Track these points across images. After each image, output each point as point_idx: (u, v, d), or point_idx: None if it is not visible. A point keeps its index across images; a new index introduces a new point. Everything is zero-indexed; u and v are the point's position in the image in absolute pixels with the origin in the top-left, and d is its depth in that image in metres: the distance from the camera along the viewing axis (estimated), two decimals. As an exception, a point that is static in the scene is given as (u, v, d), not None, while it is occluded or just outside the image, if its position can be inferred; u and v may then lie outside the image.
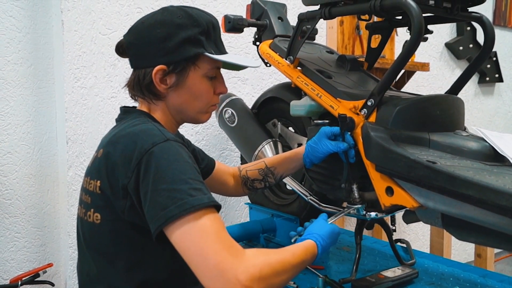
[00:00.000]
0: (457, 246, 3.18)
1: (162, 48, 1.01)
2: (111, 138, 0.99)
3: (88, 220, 0.99)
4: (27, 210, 1.82)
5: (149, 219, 0.89)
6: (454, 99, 1.29)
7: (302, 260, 0.97)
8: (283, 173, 1.37)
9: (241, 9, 2.16)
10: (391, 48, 2.57)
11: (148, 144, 0.91)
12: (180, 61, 1.02)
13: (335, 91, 1.33)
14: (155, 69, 1.01)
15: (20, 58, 1.77)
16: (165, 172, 0.88)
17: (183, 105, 1.07)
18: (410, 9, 1.10)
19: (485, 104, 3.54)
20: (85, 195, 1.02)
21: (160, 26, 1.01)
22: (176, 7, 1.06)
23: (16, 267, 1.80)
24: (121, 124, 1.04)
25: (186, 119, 1.12)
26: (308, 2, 1.38)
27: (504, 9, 3.52)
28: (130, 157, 0.91)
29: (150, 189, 0.88)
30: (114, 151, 0.95)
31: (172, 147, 0.93)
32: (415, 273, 1.36)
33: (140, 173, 0.90)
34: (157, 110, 1.07)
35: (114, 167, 0.94)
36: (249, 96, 2.22)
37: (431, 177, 1.03)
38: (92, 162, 1.03)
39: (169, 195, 0.86)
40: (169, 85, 1.04)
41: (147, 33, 1.02)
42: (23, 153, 1.80)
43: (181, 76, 1.03)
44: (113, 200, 0.94)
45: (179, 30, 1.01)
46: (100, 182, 0.96)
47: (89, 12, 1.80)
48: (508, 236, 0.97)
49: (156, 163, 0.89)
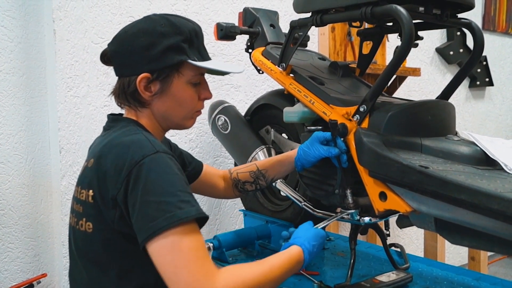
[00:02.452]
0: (451, 249, 3.19)
1: (146, 56, 1.02)
2: (102, 148, 0.99)
3: (80, 229, 1.00)
4: (21, 220, 1.80)
5: (137, 230, 0.90)
6: (445, 104, 1.31)
7: (285, 271, 0.98)
8: (274, 176, 1.37)
9: (233, 17, 2.18)
10: (382, 54, 2.59)
11: (138, 156, 0.92)
12: (164, 69, 1.03)
13: (328, 98, 1.34)
14: (139, 77, 1.03)
15: (12, 68, 1.76)
16: (155, 184, 0.90)
17: (168, 112, 1.08)
18: (400, 16, 1.11)
19: (476, 108, 3.57)
20: (76, 204, 1.02)
21: (143, 35, 1.03)
22: (159, 15, 1.07)
23: (10, 278, 1.79)
24: (111, 133, 1.04)
25: (171, 126, 1.13)
26: (300, 10, 1.39)
27: (493, 14, 3.56)
28: (120, 168, 0.92)
29: (139, 201, 0.89)
30: (105, 161, 0.96)
31: (162, 159, 0.94)
32: (409, 277, 1.36)
33: (130, 184, 0.91)
34: (143, 117, 1.09)
35: (105, 177, 0.95)
36: (242, 103, 2.23)
37: (424, 181, 1.04)
38: (82, 172, 1.04)
39: (158, 207, 0.88)
40: (154, 93, 1.05)
41: (131, 41, 1.03)
42: (16, 163, 1.79)
43: (165, 83, 1.05)
44: (103, 209, 0.95)
45: (162, 39, 1.02)
46: (92, 191, 0.97)
47: (81, 21, 1.80)
48: (500, 239, 0.98)
49: (145, 175, 0.90)
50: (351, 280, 1.32)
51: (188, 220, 0.88)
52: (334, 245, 1.75)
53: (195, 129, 2.12)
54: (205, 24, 2.09)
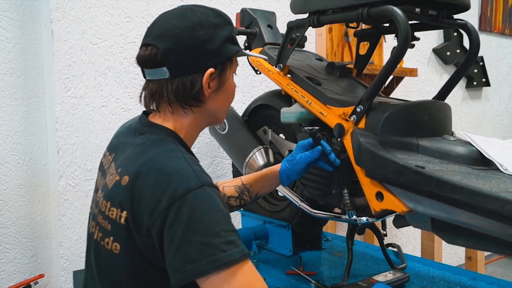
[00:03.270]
0: (448, 249, 3.20)
1: (208, 51, 0.96)
2: (139, 167, 0.90)
3: (105, 247, 0.94)
4: (18, 221, 1.80)
5: (172, 268, 0.84)
6: (441, 104, 1.31)
7: None
8: (258, 191, 1.30)
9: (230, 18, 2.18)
10: (379, 54, 2.59)
11: (182, 189, 0.85)
12: (225, 62, 1.00)
13: (325, 98, 1.34)
14: (206, 74, 0.96)
15: (9, 68, 1.76)
16: (198, 223, 0.83)
17: (220, 107, 1.04)
18: (396, 17, 1.12)
19: (472, 108, 3.58)
20: (103, 219, 0.95)
21: (200, 28, 0.96)
22: (198, 5, 1.01)
23: (7, 278, 1.79)
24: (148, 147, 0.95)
25: (214, 122, 1.09)
26: (297, 11, 1.40)
27: (490, 15, 3.58)
28: (159, 198, 0.85)
29: (179, 238, 0.83)
30: (142, 185, 0.88)
31: (207, 195, 0.86)
32: (406, 277, 1.37)
33: (168, 218, 0.84)
34: (183, 124, 1.01)
35: (140, 203, 0.87)
36: (239, 104, 2.23)
37: (420, 182, 1.04)
38: (113, 186, 0.94)
39: (200, 249, 0.82)
40: (213, 89, 1.00)
41: (188, 36, 0.95)
42: (14, 164, 1.79)
43: (223, 77, 1.01)
44: (135, 235, 0.89)
45: (218, 30, 0.98)
46: (126, 213, 0.89)
47: (79, 22, 1.80)
48: (496, 238, 0.98)
49: (189, 212, 0.83)
50: (348, 280, 1.33)
51: (232, 264, 0.82)
52: (331, 245, 1.76)
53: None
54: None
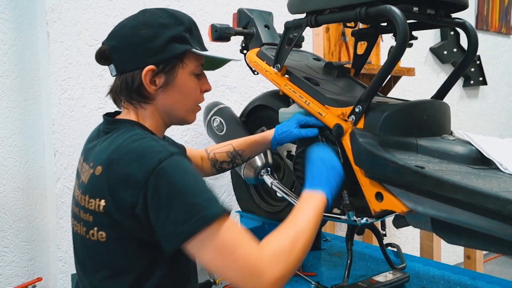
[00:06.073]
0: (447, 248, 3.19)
1: (150, 48, 1.00)
2: (110, 154, 0.95)
3: (91, 239, 0.96)
4: (15, 224, 1.79)
5: (164, 236, 0.88)
6: (440, 104, 1.31)
7: (314, 225, 0.98)
8: (250, 155, 1.42)
9: (227, 18, 2.17)
10: (377, 54, 2.59)
11: (154, 162, 0.89)
12: (169, 60, 1.01)
13: (323, 98, 1.34)
14: (144, 70, 1.00)
15: (5, 71, 1.75)
16: (179, 188, 0.88)
17: (173, 105, 1.06)
18: (394, 16, 1.11)
19: (470, 107, 3.58)
20: (84, 213, 0.97)
21: (144, 27, 1.00)
22: (155, 8, 1.06)
23: (5, 282, 1.77)
24: (115, 138, 0.99)
25: (174, 121, 1.10)
26: (294, 11, 1.39)
27: (486, 14, 3.58)
28: (135, 175, 0.89)
29: (165, 206, 0.87)
30: (117, 170, 0.92)
31: (179, 161, 0.92)
32: (406, 277, 1.37)
33: (148, 191, 0.88)
34: (145, 116, 1.06)
35: (118, 186, 0.91)
36: (237, 104, 2.22)
37: (420, 182, 1.04)
38: (88, 179, 0.98)
39: (186, 210, 0.86)
40: (159, 86, 1.02)
41: (132, 34, 1.01)
42: (10, 166, 1.78)
43: (170, 75, 1.02)
44: (118, 219, 0.92)
45: (164, 29, 1.00)
46: (104, 201, 0.93)
47: (75, 23, 1.79)
48: (496, 238, 0.98)
49: (167, 180, 0.88)
50: (348, 280, 1.32)
51: (217, 217, 0.87)
52: (331, 245, 1.76)
53: (190, 131, 2.12)
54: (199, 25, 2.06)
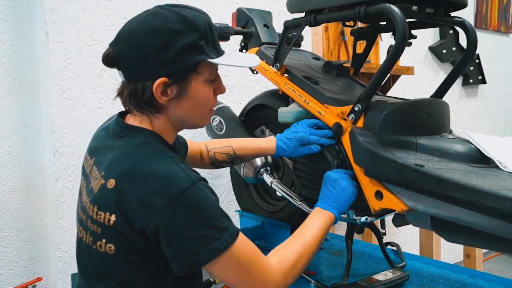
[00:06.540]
0: (446, 247, 3.20)
1: (161, 59, 0.93)
2: (126, 169, 0.92)
3: (99, 250, 0.95)
4: (15, 224, 1.79)
5: (175, 262, 0.91)
6: (439, 102, 1.31)
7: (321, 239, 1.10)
8: (250, 158, 1.45)
9: (226, 17, 2.17)
10: (376, 53, 2.59)
11: (176, 190, 0.88)
12: (182, 72, 0.95)
13: (323, 97, 1.34)
14: (156, 82, 0.94)
15: (4, 71, 1.75)
16: (195, 219, 0.89)
17: (186, 114, 1.02)
18: (394, 15, 1.11)
19: (469, 105, 3.59)
20: (92, 224, 0.95)
21: (155, 34, 0.92)
22: (168, 9, 0.95)
23: (5, 282, 1.77)
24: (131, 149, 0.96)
25: (187, 127, 1.08)
26: (293, 10, 1.39)
27: (485, 12, 3.58)
28: (152, 199, 0.88)
29: (178, 236, 0.88)
30: (131, 189, 0.90)
31: (200, 191, 0.91)
32: (406, 276, 1.37)
33: (163, 218, 0.87)
34: (158, 124, 1.02)
35: (131, 206, 0.90)
36: (236, 104, 2.22)
37: (419, 180, 1.04)
38: (99, 189, 0.95)
39: (199, 242, 0.89)
40: (170, 97, 0.97)
41: (141, 43, 0.93)
42: (10, 167, 1.78)
43: (183, 86, 0.97)
44: (128, 234, 0.91)
45: (177, 37, 0.93)
46: (114, 216, 0.91)
47: (74, 23, 1.79)
48: (496, 236, 0.98)
49: (185, 211, 0.88)
50: (348, 279, 1.33)
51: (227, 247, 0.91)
52: (331, 244, 1.76)
53: (190, 131, 2.12)
54: (199, 25, 2.08)
